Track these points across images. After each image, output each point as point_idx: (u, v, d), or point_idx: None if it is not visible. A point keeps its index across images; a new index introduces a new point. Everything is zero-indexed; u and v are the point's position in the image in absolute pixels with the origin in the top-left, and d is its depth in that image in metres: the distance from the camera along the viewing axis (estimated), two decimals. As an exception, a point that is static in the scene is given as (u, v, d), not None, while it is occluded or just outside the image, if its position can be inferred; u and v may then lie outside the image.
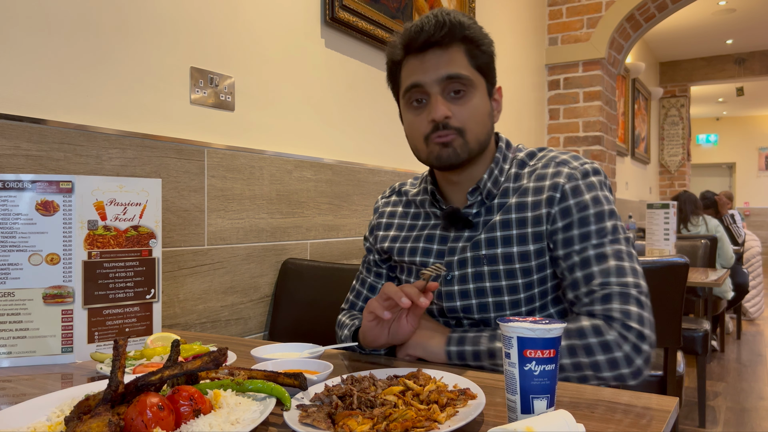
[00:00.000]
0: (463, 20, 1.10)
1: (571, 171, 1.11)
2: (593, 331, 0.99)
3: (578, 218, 1.08)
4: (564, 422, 0.66)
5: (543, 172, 1.14)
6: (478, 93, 1.12)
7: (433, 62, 1.10)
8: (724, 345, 4.87)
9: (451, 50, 1.10)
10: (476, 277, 1.14)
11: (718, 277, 2.96)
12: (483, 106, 1.13)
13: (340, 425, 0.71)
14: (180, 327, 1.67)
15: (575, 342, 0.99)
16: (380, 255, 1.33)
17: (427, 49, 1.10)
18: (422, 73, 1.10)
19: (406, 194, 1.33)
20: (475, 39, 1.11)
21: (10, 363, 1.11)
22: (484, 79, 1.14)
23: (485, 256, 1.13)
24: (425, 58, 1.10)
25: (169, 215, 1.64)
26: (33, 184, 1.13)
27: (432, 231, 1.22)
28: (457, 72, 1.09)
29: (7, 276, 1.11)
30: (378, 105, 2.56)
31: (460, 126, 1.10)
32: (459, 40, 1.10)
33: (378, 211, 1.37)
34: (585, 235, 1.06)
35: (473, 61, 1.11)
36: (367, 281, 1.37)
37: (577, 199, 1.09)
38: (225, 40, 1.83)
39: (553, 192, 1.10)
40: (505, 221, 1.13)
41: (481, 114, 1.13)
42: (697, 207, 4.76)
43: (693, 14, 6.57)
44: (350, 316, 1.35)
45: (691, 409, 3.40)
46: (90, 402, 0.70)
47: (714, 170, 13.98)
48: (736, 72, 8.20)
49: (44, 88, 1.38)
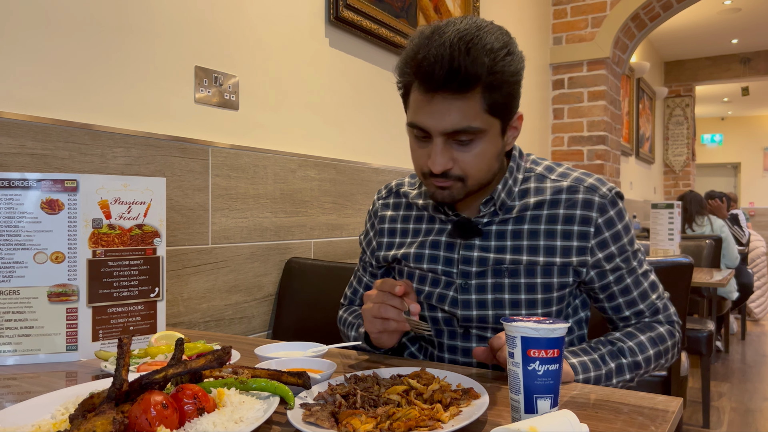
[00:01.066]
0: (484, 61, 0.95)
1: (601, 201, 1.10)
2: (669, 335, 1.16)
3: (617, 248, 1.12)
4: (567, 422, 0.66)
5: (573, 198, 1.11)
6: (487, 137, 1.02)
7: (440, 108, 0.98)
8: (729, 345, 4.86)
9: (465, 97, 0.97)
10: (495, 288, 1.13)
11: (722, 277, 2.95)
12: (491, 150, 1.04)
13: (344, 424, 0.71)
14: (184, 325, 1.68)
15: (660, 348, 1.13)
16: (378, 262, 1.30)
17: (436, 90, 0.97)
18: (427, 117, 0.99)
19: (406, 196, 1.28)
20: (496, 84, 0.97)
21: (15, 361, 1.12)
22: (499, 121, 1.02)
23: (507, 269, 1.11)
24: (433, 101, 0.98)
25: (174, 214, 1.64)
26: (38, 183, 1.13)
27: (437, 237, 1.19)
28: (465, 126, 0.98)
29: (12, 274, 1.12)
30: (382, 104, 2.56)
31: (461, 174, 1.03)
32: (476, 86, 0.96)
33: (377, 215, 1.31)
34: (626, 259, 1.14)
35: (489, 104, 0.99)
36: (364, 280, 1.37)
37: (612, 230, 1.11)
38: (229, 40, 1.83)
39: (586, 227, 1.10)
40: (533, 231, 1.11)
41: (488, 159, 1.05)
42: (702, 207, 4.74)
43: (698, 13, 6.54)
44: (353, 313, 1.34)
45: (696, 409, 3.39)
46: (94, 400, 0.70)
47: (719, 170, 13.92)
48: (742, 72, 8.16)
49: (49, 87, 1.39)
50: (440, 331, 1.20)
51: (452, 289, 1.16)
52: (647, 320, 1.17)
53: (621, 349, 1.10)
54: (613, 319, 1.19)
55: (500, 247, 1.12)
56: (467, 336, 1.17)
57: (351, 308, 1.37)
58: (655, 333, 1.14)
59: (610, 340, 1.12)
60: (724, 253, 4.38)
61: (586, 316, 1.23)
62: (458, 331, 1.18)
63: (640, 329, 1.15)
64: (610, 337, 1.14)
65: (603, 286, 1.14)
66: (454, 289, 1.15)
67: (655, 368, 1.15)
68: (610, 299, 1.16)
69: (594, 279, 1.13)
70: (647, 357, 1.11)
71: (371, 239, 1.33)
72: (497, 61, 0.96)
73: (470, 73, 0.94)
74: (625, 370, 1.09)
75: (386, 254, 1.27)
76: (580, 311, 1.21)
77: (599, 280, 1.13)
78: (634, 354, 1.10)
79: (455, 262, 1.16)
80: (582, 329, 1.23)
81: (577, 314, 1.21)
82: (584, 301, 1.22)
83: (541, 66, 4.39)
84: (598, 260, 1.11)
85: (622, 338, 1.12)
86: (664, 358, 1.15)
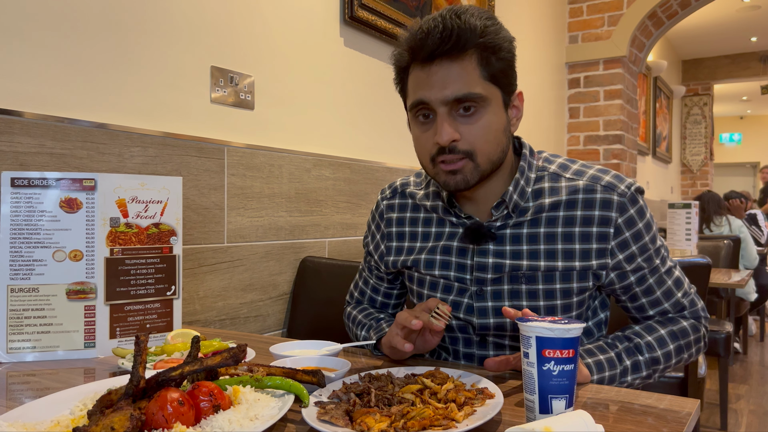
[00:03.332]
0: (475, 24, 0.96)
1: (620, 200, 1.06)
2: (693, 329, 1.12)
3: (638, 247, 1.08)
4: (583, 422, 0.65)
5: (590, 198, 1.07)
6: (491, 108, 1.00)
7: (439, 77, 0.97)
8: (747, 347, 4.80)
9: (462, 61, 0.97)
10: (512, 295, 1.09)
11: (741, 278, 2.91)
12: (497, 122, 1.02)
13: (358, 422, 0.71)
14: (200, 323, 1.69)
15: (681, 342, 1.10)
16: (387, 267, 1.25)
17: (433, 59, 0.97)
18: (428, 89, 0.99)
19: (413, 197, 1.23)
20: (490, 46, 0.97)
21: (35, 357, 1.13)
22: (499, 90, 1.02)
23: (524, 275, 1.08)
24: (431, 71, 0.98)
25: (190, 213, 1.66)
26: (57, 182, 1.15)
27: (448, 242, 1.14)
28: (466, 92, 0.97)
29: (31, 272, 1.13)
30: (397, 103, 2.55)
31: (470, 148, 1.00)
32: (471, 48, 0.96)
33: (383, 217, 1.26)
34: (648, 258, 1.10)
35: (487, 70, 0.98)
36: (371, 282, 1.34)
37: (632, 230, 1.07)
38: (245, 40, 1.84)
39: (605, 227, 1.06)
40: (550, 234, 1.07)
41: (495, 131, 1.02)
42: (721, 207, 4.68)
43: (716, 11, 6.46)
44: (363, 311, 1.32)
45: (713, 411, 3.35)
46: (112, 396, 0.71)
47: (738, 170, 13.74)
48: (761, 70, 8.05)
49: (68, 87, 1.40)
50: (455, 338, 1.17)
51: (466, 296, 1.12)
52: (671, 315, 1.13)
53: (638, 345, 1.07)
54: (637, 318, 1.16)
55: (516, 252, 1.08)
56: (483, 344, 1.14)
57: (361, 307, 1.35)
58: (677, 327, 1.11)
59: (627, 335, 1.09)
60: (743, 254, 4.33)
61: (605, 317, 1.20)
62: (474, 339, 1.15)
63: (662, 322, 1.11)
64: (627, 331, 1.10)
65: (624, 287, 1.10)
66: (468, 296, 1.12)
67: (678, 363, 1.12)
68: (632, 300, 1.13)
69: (614, 281, 1.09)
70: (667, 352, 1.08)
71: (378, 243, 1.28)
72: (488, 25, 0.98)
73: (463, 33, 0.95)
74: (642, 368, 1.06)
75: (396, 260, 1.22)
76: (599, 312, 1.19)
77: (620, 281, 1.09)
78: (652, 350, 1.07)
79: (468, 268, 1.11)
80: (601, 331, 1.20)
81: (597, 316, 1.18)
82: (603, 301, 1.19)
83: (556, 65, 4.36)
84: (618, 262, 1.07)
85: (640, 332, 1.09)
86: (687, 353, 1.12)
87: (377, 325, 1.20)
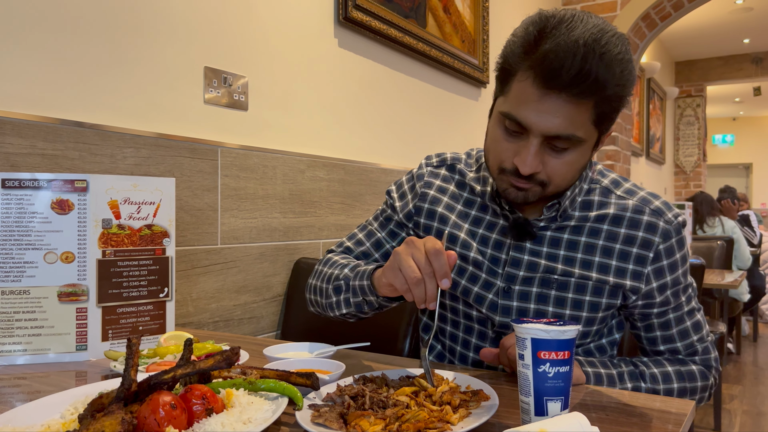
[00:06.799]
0: (614, 72, 0.88)
1: (665, 227, 1.06)
2: (701, 376, 1.09)
3: (671, 279, 1.07)
4: (578, 424, 0.65)
5: (637, 218, 1.06)
6: (582, 148, 0.96)
7: (550, 107, 0.90)
8: (740, 348, 4.82)
9: (579, 104, 0.90)
10: (540, 299, 1.08)
11: (734, 278, 2.93)
12: (581, 161, 0.99)
13: (352, 425, 0.71)
14: (193, 326, 1.68)
15: (687, 385, 1.07)
16: (414, 226, 1.19)
17: (552, 89, 0.89)
18: (534, 114, 0.91)
19: (462, 174, 1.18)
20: (613, 96, 0.91)
21: (26, 360, 1.12)
22: (598, 133, 0.97)
23: (557, 281, 1.07)
24: (544, 98, 0.90)
25: (183, 214, 1.65)
26: (49, 183, 1.14)
27: (487, 232, 1.11)
28: (570, 133, 0.92)
29: (22, 274, 1.12)
30: (391, 105, 2.55)
31: (546, 180, 0.97)
32: (593, 96, 0.89)
33: (423, 179, 1.20)
34: (676, 293, 1.09)
35: (597, 115, 0.93)
36: (376, 235, 1.23)
37: (670, 260, 1.07)
38: (239, 40, 1.83)
39: (645, 251, 1.05)
40: (590, 245, 1.07)
41: (575, 169, 0.99)
42: (714, 208, 4.71)
43: (709, 13, 6.49)
44: (346, 259, 1.18)
45: (707, 412, 3.36)
46: (103, 400, 0.70)
47: (730, 171, 13.81)
48: (754, 71, 8.10)
49: (59, 87, 1.39)
50: (470, 328, 1.16)
51: (492, 292, 1.10)
52: (681, 356, 1.11)
53: (642, 373, 1.06)
54: (646, 350, 1.13)
55: (552, 255, 1.07)
56: (497, 341, 1.13)
57: (348, 257, 1.21)
58: (685, 368, 1.08)
59: (634, 361, 1.08)
60: (736, 255, 4.35)
61: (619, 338, 1.19)
62: (489, 335, 1.14)
63: (670, 360, 1.10)
64: (635, 358, 1.09)
65: (644, 314, 1.10)
66: (494, 292, 1.10)
67: None
68: (647, 330, 1.11)
69: (638, 306, 1.08)
70: (669, 389, 1.05)
71: (408, 201, 1.21)
72: (625, 73, 0.90)
73: (600, 80, 0.87)
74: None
75: (433, 225, 1.16)
76: (614, 332, 1.19)
77: (643, 308, 1.09)
78: (655, 382, 1.05)
79: (502, 262, 1.10)
80: (613, 350, 1.19)
81: (612, 335, 1.18)
82: (620, 323, 1.19)
83: (550, 66, 4.36)
84: (651, 289, 1.06)
85: (648, 363, 1.08)
86: (690, 398, 1.07)
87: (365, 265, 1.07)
